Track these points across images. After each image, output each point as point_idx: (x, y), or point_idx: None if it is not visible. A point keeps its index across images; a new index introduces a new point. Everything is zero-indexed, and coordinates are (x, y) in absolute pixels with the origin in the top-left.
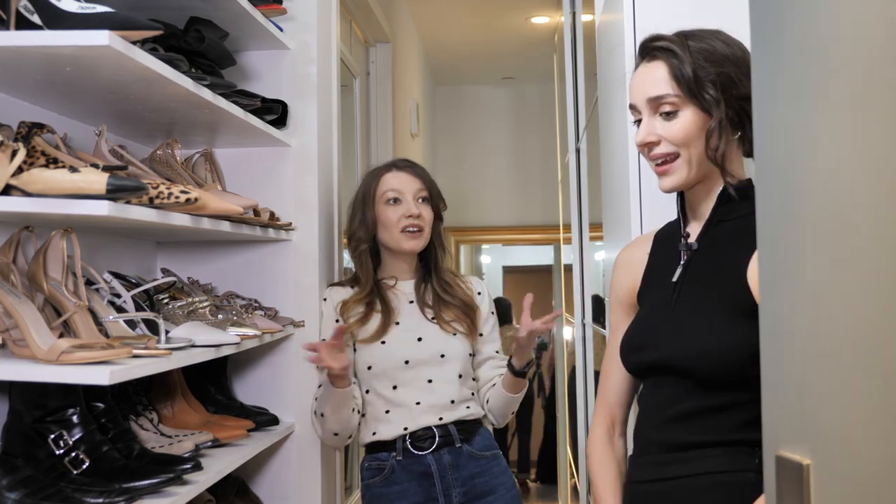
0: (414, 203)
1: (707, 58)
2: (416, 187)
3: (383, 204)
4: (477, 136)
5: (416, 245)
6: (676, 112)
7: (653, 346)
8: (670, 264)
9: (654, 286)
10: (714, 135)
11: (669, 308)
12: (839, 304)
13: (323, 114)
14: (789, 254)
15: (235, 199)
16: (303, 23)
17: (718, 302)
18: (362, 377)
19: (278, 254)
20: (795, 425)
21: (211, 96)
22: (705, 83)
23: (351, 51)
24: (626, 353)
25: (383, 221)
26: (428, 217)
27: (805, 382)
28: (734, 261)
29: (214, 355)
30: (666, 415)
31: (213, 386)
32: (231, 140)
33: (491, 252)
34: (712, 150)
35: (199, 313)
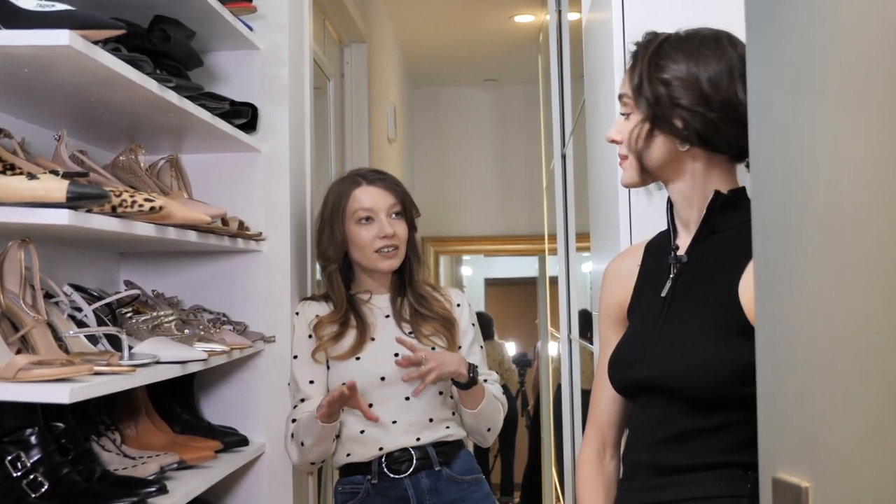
0: (387, 220)
1: (657, 64)
2: (389, 203)
3: (354, 223)
4: (457, 141)
5: (392, 265)
6: (629, 114)
7: (641, 364)
8: (660, 277)
9: (643, 300)
10: (638, 136)
11: (658, 324)
12: (839, 319)
13: (295, 118)
14: (786, 266)
15: (202, 207)
16: (274, 22)
17: (709, 318)
18: None
19: (248, 265)
20: (794, 446)
21: (177, 99)
22: (646, 88)
23: (324, 51)
24: (614, 371)
25: (355, 242)
26: (403, 234)
27: (804, 401)
28: (725, 275)
29: (180, 372)
30: (656, 436)
31: (179, 405)
32: (198, 145)
33: (472, 263)
34: (632, 147)
35: (165, 328)
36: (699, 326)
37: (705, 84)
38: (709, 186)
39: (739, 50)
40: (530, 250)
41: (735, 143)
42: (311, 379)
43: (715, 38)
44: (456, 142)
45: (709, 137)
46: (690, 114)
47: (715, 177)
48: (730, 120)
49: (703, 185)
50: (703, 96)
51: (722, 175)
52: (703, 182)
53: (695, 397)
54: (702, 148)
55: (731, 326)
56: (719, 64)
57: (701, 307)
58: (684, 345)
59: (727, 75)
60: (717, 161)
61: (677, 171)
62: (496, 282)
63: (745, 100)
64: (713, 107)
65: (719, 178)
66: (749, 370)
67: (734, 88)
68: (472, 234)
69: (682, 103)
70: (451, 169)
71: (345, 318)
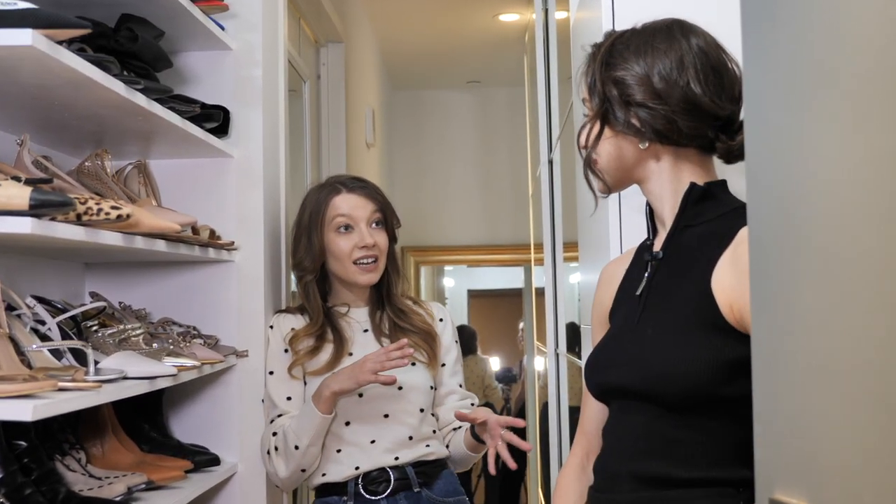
0: (367, 230)
1: (608, 63)
2: (370, 211)
3: (333, 232)
4: (439, 146)
5: (371, 278)
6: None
7: (616, 366)
8: (638, 277)
9: (622, 302)
10: (584, 135)
11: (633, 324)
12: (840, 333)
13: (269, 121)
14: (784, 277)
15: (172, 215)
16: (246, 21)
17: (683, 316)
18: None
19: (219, 276)
20: (791, 465)
21: (145, 102)
22: (598, 88)
23: (300, 52)
24: (590, 375)
25: (334, 252)
26: (383, 244)
27: (802, 419)
28: (698, 268)
29: (149, 388)
30: (636, 445)
31: (147, 422)
32: (167, 150)
33: (454, 274)
34: (579, 148)
35: (132, 342)
36: (674, 325)
37: (656, 79)
38: (682, 181)
39: (692, 39)
40: (515, 260)
41: (696, 135)
42: (288, 395)
43: (667, 28)
44: (437, 147)
45: (667, 132)
46: (644, 110)
47: (686, 171)
48: (685, 112)
49: (675, 181)
50: (655, 92)
51: (694, 168)
52: (674, 178)
53: (674, 401)
54: (663, 144)
55: (706, 323)
56: (669, 56)
57: (674, 304)
58: (659, 345)
59: (678, 67)
60: (686, 155)
61: (644, 170)
62: (480, 293)
63: (698, 89)
64: (666, 101)
65: (691, 172)
66: (730, 369)
67: (686, 79)
68: (455, 244)
69: (635, 100)
70: (433, 175)
71: (321, 331)
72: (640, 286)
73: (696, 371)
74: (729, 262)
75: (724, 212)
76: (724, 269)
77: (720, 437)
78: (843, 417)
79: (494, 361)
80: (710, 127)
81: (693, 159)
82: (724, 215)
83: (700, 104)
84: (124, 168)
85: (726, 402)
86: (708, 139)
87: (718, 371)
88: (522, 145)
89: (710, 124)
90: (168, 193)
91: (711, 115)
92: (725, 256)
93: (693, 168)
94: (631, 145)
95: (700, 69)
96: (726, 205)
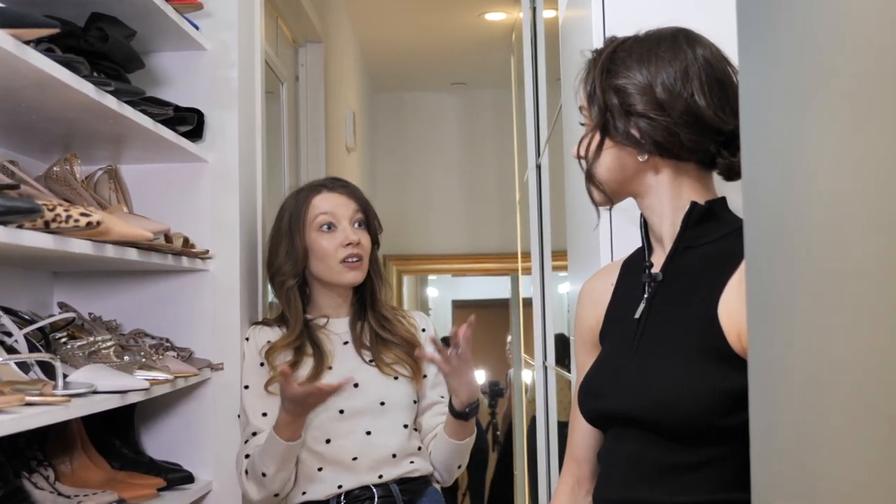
0: (351, 228)
1: (609, 70)
2: (352, 209)
3: (316, 231)
4: (422, 150)
5: (357, 277)
6: (586, 125)
7: (613, 393)
8: (634, 298)
9: (616, 323)
10: (588, 147)
11: (631, 349)
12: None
13: (245, 125)
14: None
15: (144, 222)
16: (222, 20)
17: (685, 342)
18: None
19: (193, 286)
20: (790, 486)
21: (116, 104)
22: (598, 96)
23: (277, 52)
24: (584, 400)
25: (317, 252)
26: (367, 244)
27: (801, 437)
28: (703, 294)
29: (120, 403)
30: (631, 472)
31: (118, 438)
32: (139, 155)
33: (438, 284)
34: (581, 157)
35: (103, 354)
36: (675, 351)
37: (659, 89)
38: (682, 198)
39: (698, 49)
40: (502, 270)
41: (697, 149)
42: (263, 411)
43: (672, 37)
44: (421, 151)
45: (667, 145)
46: (645, 121)
47: (686, 186)
48: (688, 124)
49: (675, 197)
50: (658, 102)
51: (694, 184)
52: (674, 193)
53: (672, 430)
54: (663, 157)
55: (710, 351)
56: (673, 66)
57: (677, 330)
58: (659, 372)
59: (682, 77)
60: (686, 170)
61: (642, 184)
62: (465, 304)
63: (702, 102)
64: (669, 112)
65: (691, 188)
66: (731, 400)
67: (690, 91)
68: (439, 253)
69: (636, 110)
70: (416, 181)
71: (299, 343)
72: (637, 308)
73: (697, 400)
74: (737, 288)
75: (726, 232)
76: (731, 295)
77: (721, 464)
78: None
79: (480, 375)
80: (713, 142)
81: (693, 174)
82: (726, 236)
83: (703, 117)
84: (94, 173)
85: (728, 431)
86: (709, 154)
87: (721, 401)
88: (509, 150)
89: (713, 139)
90: (140, 200)
91: (714, 130)
92: (733, 282)
93: (693, 184)
94: (630, 157)
95: (705, 81)
96: (729, 225)
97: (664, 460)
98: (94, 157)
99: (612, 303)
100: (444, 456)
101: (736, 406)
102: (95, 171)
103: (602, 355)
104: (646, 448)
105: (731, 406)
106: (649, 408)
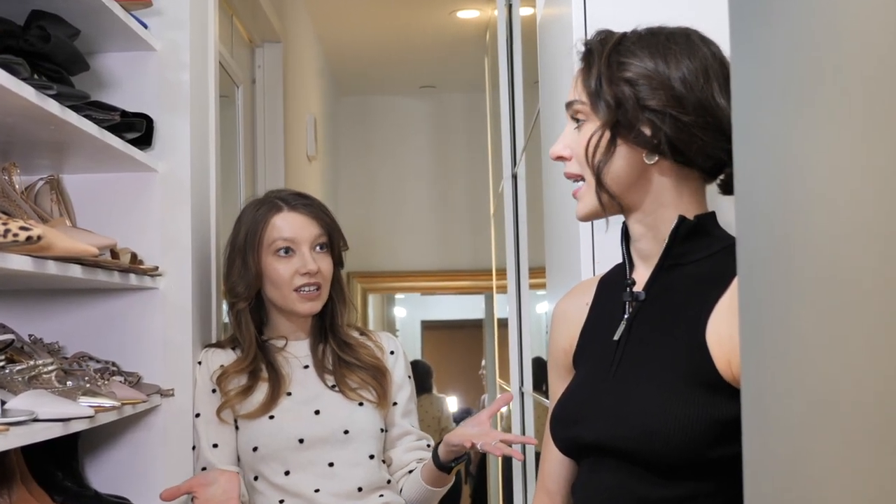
0: (310, 254)
1: (619, 62)
2: (314, 233)
3: (272, 255)
4: (389, 158)
5: (312, 307)
6: (583, 124)
7: (589, 420)
8: (612, 318)
9: (592, 345)
10: (597, 147)
11: (609, 374)
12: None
13: (198, 131)
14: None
15: (88, 237)
16: (173, 18)
17: (671, 367)
18: (247, 461)
19: (142, 305)
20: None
21: (58, 109)
22: (605, 90)
23: (232, 53)
24: (557, 429)
25: (272, 277)
26: (327, 270)
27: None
28: (690, 315)
29: (62, 432)
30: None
31: (61, 470)
32: (83, 164)
33: (407, 303)
34: (589, 161)
35: (44, 379)
36: (659, 376)
37: (677, 83)
38: (679, 208)
39: (713, 48)
40: (475, 288)
41: (711, 154)
42: (214, 442)
43: (684, 34)
44: (387, 160)
45: (681, 146)
46: (661, 117)
47: (685, 197)
48: (705, 125)
49: (671, 208)
50: (676, 97)
51: (692, 196)
52: (671, 203)
53: (655, 461)
54: (672, 160)
55: (696, 377)
56: (692, 62)
57: (661, 353)
58: (641, 399)
59: (702, 74)
60: (688, 178)
61: (642, 190)
62: (435, 325)
63: (723, 103)
64: (687, 109)
65: (690, 198)
66: (721, 429)
67: (710, 90)
68: (407, 269)
69: (651, 105)
70: (382, 192)
71: (254, 367)
72: (617, 330)
73: (683, 430)
74: (727, 312)
75: (716, 250)
76: (721, 318)
77: (708, 500)
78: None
79: (452, 401)
80: (724, 150)
81: (693, 184)
82: (716, 254)
83: (722, 119)
84: (35, 184)
85: (717, 464)
86: (719, 162)
87: (708, 431)
88: (483, 158)
89: (724, 146)
90: (84, 212)
91: (727, 136)
92: (723, 304)
93: (692, 194)
94: (635, 158)
95: (723, 83)
96: (719, 241)
97: (645, 494)
98: (34, 166)
99: (587, 323)
100: (416, 499)
101: (726, 436)
102: (36, 181)
103: (576, 380)
104: (625, 480)
105: (721, 436)
106: (629, 437)
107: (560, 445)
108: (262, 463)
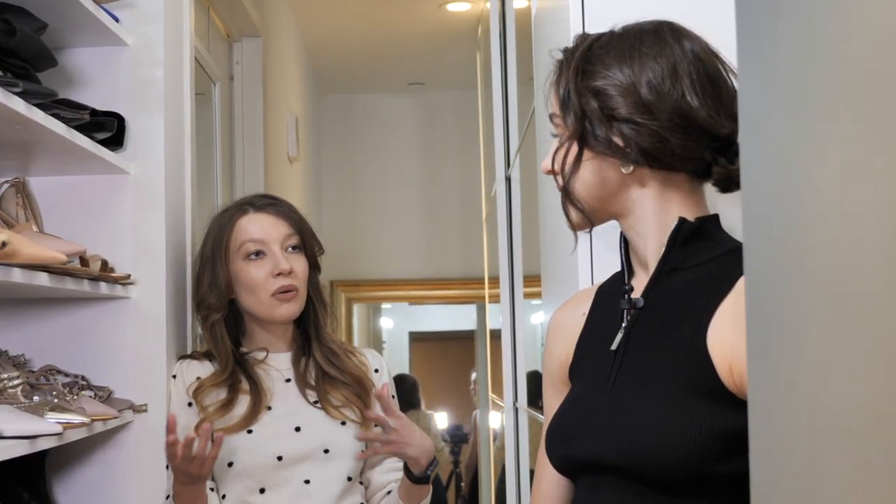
0: (282, 254)
1: (585, 71)
2: (284, 233)
3: (242, 260)
4: (375, 160)
5: (292, 310)
6: (561, 135)
7: (586, 436)
8: (610, 327)
9: (589, 356)
10: (565, 160)
11: (607, 386)
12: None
13: (172, 131)
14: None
15: (56, 243)
16: (146, 12)
17: (670, 376)
18: (221, 477)
19: (113, 315)
20: None
21: (24, 107)
22: (573, 101)
23: (209, 48)
24: (552, 445)
25: (245, 283)
26: (302, 272)
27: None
28: (691, 322)
29: (29, 450)
30: None
31: (27, 490)
32: (50, 165)
33: (394, 314)
34: (557, 171)
35: (9, 394)
36: (658, 387)
37: (644, 88)
38: (670, 214)
39: (685, 43)
40: (466, 297)
41: (690, 157)
42: None
43: (654, 31)
44: (373, 161)
45: (656, 153)
46: (630, 126)
47: (674, 201)
48: (679, 128)
49: (662, 214)
50: (643, 103)
51: (684, 198)
52: (661, 209)
53: (657, 478)
54: (651, 168)
55: (699, 387)
56: (659, 62)
57: (660, 361)
58: (640, 412)
59: (670, 75)
60: (675, 182)
61: (626, 199)
62: (424, 336)
63: (695, 102)
64: (656, 115)
65: (680, 202)
66: (722, 442)
67: (680, 90)
68: (394, 278)
69: (619, 114)
70: (368, 195)
71: (233, 380)
72: (614, 339)
73: (686, 444)
74: (729, 317)
75: (718, 253)
76: (722, 324)
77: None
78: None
79: (441, 417)
80: (707, 148)
81: (683, 187)
82: (718, 258)
83: (696, 119)
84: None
85: (722, 479)
86: (703, 163)
87: (712, 444)
88: (475, 160)
89: (707, 145)
90: (52, 217)
91: (708, 134)
92: (724, 309)
93: (683, 198)
94: (612, 169)
95: (696, 79)
96: (721, 245)
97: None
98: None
99: (583, 334)
100: None
101: (730, 450)
102: (0, 184)
103: (573, 393)
104: (626, 498)
105: (725, 450)
106: (629, 453)
107: (555, 463)
108: (237, 479)
